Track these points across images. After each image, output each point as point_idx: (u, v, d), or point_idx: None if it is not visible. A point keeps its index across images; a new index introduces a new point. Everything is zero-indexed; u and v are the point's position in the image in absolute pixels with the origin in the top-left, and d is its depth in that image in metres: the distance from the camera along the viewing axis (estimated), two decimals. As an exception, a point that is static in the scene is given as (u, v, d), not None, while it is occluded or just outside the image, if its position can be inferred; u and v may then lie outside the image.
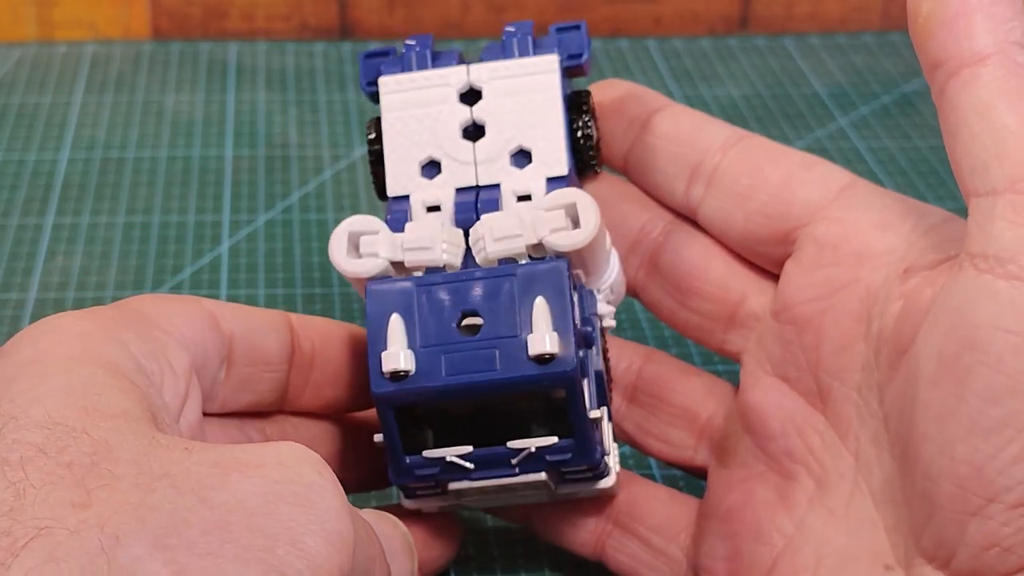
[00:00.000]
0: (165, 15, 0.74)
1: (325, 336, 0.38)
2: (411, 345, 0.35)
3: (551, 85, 0.38)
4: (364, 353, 0.38)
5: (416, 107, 0.38)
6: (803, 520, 0.36)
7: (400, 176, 0.38)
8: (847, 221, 0.36)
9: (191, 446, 0.28)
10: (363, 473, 0.40)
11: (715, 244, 0.40)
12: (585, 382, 0.35)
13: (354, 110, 0.69)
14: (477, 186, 0.37)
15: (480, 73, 0.38)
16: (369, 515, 0.35)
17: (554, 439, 0.35)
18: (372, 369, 0.35)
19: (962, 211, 0.33)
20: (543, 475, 0.36)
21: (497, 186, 0.37)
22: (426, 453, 0.35)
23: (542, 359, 0.34)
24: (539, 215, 0.36)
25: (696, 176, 0.39)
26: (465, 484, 0.36)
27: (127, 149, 0.65)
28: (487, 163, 0.37)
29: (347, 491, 0.39)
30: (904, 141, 0.67)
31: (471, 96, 0.39)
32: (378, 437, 0.36)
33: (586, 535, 0.40)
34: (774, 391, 0.37)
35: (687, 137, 0.39)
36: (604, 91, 0.41)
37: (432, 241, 0.36)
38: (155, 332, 0.33)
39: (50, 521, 0.26)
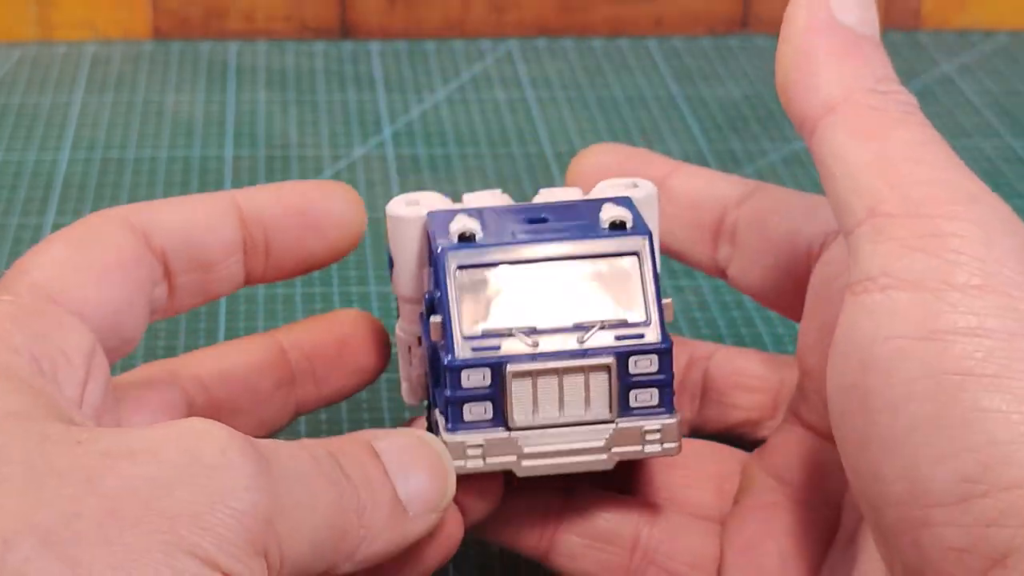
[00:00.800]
0: (165, 15, 0.74)
1: (278, 212, 0.37)
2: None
3: None
4: (315, 215, 0.37)
5: None
6: (823, 553, 0.36)
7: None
8: (839, 259, 0.36)
9: (84, 437, 0.27)
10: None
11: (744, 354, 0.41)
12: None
13: (354, 110, 0.69)
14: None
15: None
16: (371, 434, 0.33)
17: (624, 316, 0.35)
18: (437, 232, 0.35)
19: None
20: (612, 359, 0.34)
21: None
22: (485, 325, 0.34)
23: (615, 224, 0.35)
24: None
25: (720, 238, 0.40)
26: (526, 368, 0.34)
27: (127, 149, 0.65)
28: None
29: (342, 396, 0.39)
30: (904, 141, 0.67)
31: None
32: (435, 318, 0.34)
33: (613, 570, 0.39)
34: (795, 437, 0.37)
35: (702, 199, 0.40)
36: (599, 156, 0.41)
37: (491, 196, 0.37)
38: (49, 320, 0.32)
39: None
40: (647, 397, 0.35)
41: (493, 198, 0.37)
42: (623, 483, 0.39)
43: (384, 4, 0.75)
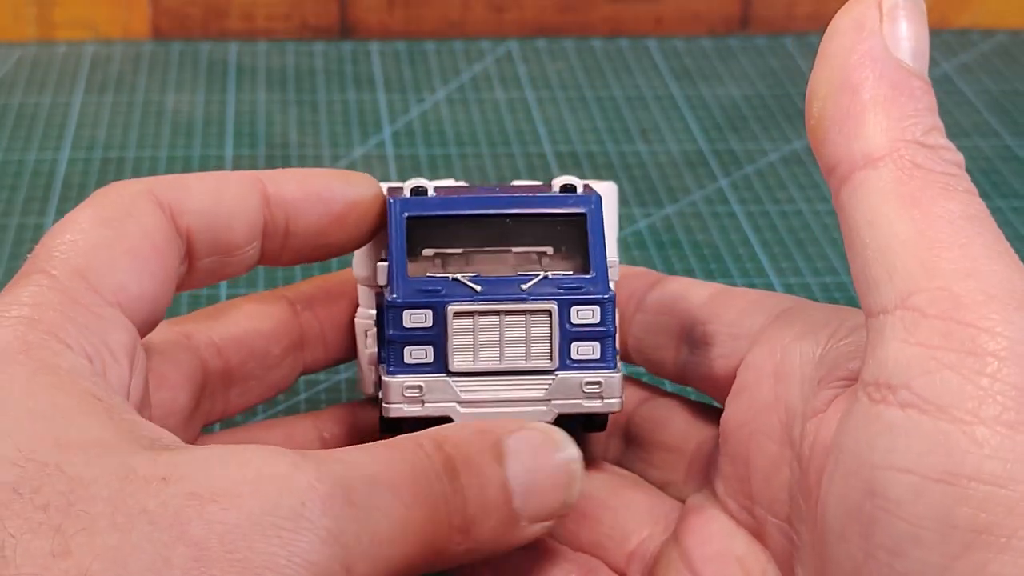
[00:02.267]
0: (165, 15, 0.74)
1: (300, 196, 0.36)
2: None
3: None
4: (336, 203, 0.37)
5: None
6: None
7: None
8: (772, 340, 0.34)
9: (168, 474, 0.27)
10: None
11: (680, 404, 0.39)
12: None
13: (354, 110, 0.69)
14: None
15: None
16: (505, 428, 0.31)
17: (569, 270, 0.35)
18: (392, 204, 0.35)
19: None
20: (554, 304, 0.34)
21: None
22: (431, 271, 0.35)
23: (565, 187, 0.35)
24: None
25: (681, 341, 0.38)
26: (467, 308, 0.34)
27: (127, 149, 0.65)
28: None
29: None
30: (904, 141, 0.67)
31: None
32: (382, 263, 0.35)
33: None
34: (716, 525, 0.35)
35: (672, 304, 0.38)
36: None
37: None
38: (98, 315, 0.31)
39: (32, 574, 0.25)
40: (589, 350, 0.35)
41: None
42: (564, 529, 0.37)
43: (384, 4, 0.75)
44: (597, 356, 0.35)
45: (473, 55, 0.74)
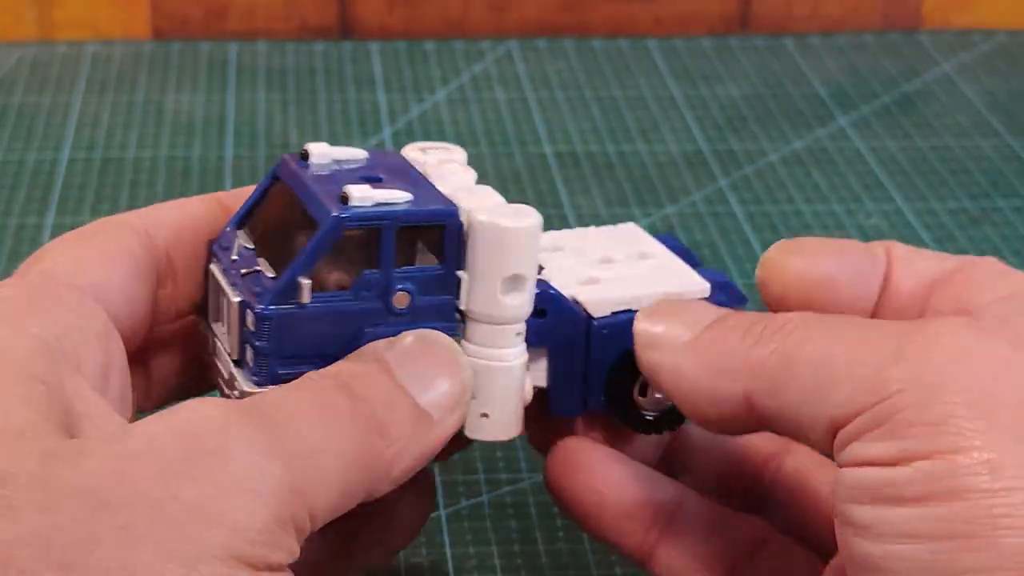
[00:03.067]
0: (165, 15, 0.74)
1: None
2: None
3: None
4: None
5: None
6: None
7: None
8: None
9: (85, 447, 0.27)
10: None
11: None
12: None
13: (354, 110, 0.69)
14: None
15: None
16: (377, 346, 0.32)
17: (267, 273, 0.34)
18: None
19: (962, 211, 0.33)
20: (238, 301, 0.33)
21: None
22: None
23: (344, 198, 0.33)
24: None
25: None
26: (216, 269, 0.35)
27: (127, 149, 0.65)
28: None
29: None
30: (904, 141, 0.67)
31: None
32: None
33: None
34: None
35: None
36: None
37: None
38: (65, 301, 0.31)
39: None
40: (251, 355, 0.33)
41: (449, 154, 0.36)
42: (747, 498, 0.37)
43: (384, 4, 0.75)
44: (253, 363, 0.33)
45: (473, 55, 0.74)
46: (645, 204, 0.61)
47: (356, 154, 0.36)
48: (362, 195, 0.33)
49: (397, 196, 0.33)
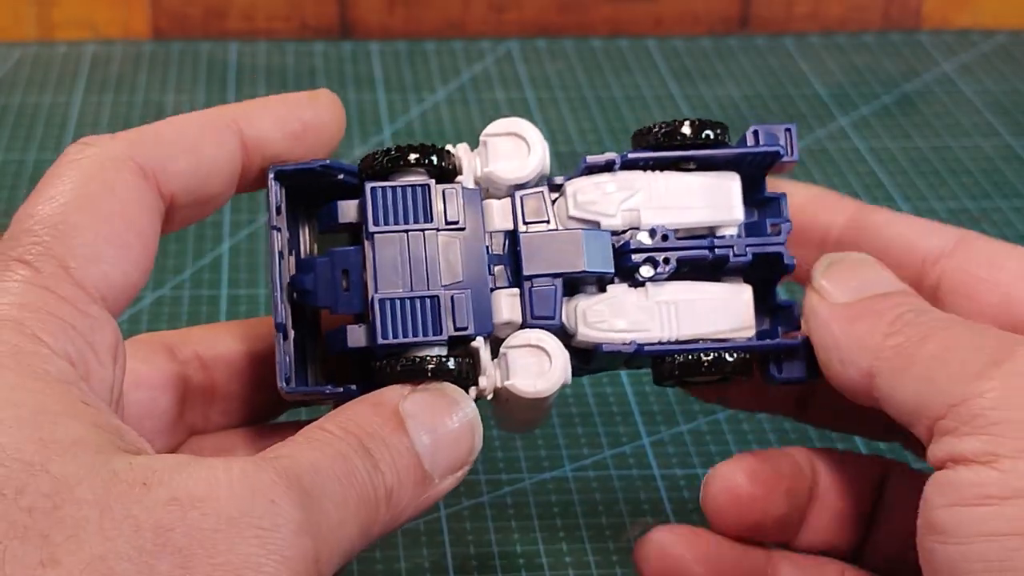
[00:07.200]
0: (165, 15, 0.74)
1: (278, 138, 0.36)
2: None
3: None
4: (307, 133, 0.37)
5: None
6: None
7: None
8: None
9: (147, 479, 0.28)
10: None
11: None
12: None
13: (354, 110, 0.69)
14: None
15: None
16: (397, 394, 0.33)
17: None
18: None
19: (962, 211, 0.33)
20: None
21: None
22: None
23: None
24: None
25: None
26: None
27: (127, 149, 0.65)
28: None
29: None
30: (904, 141, 0.67)
31: None
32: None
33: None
34: None
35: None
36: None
37: None
38: (76, 307, 0.31)
39: None
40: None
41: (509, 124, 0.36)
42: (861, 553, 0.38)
43: (384, 4, 0.75)
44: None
45: (473, 55, 0.74)
46: (645, 204, 0.61)
47: None
48: None
49: None
